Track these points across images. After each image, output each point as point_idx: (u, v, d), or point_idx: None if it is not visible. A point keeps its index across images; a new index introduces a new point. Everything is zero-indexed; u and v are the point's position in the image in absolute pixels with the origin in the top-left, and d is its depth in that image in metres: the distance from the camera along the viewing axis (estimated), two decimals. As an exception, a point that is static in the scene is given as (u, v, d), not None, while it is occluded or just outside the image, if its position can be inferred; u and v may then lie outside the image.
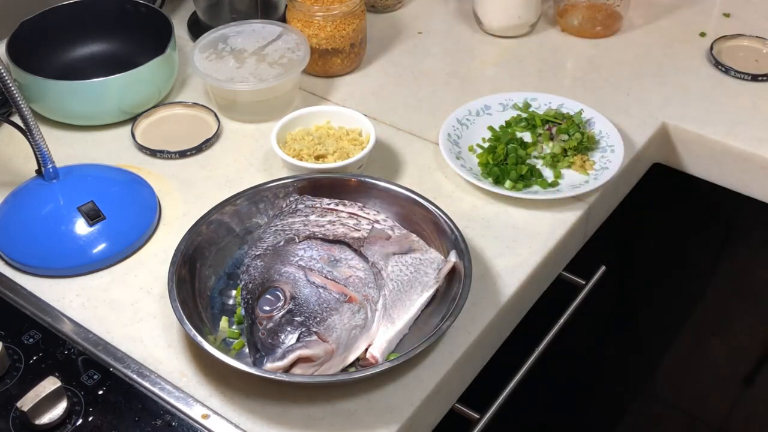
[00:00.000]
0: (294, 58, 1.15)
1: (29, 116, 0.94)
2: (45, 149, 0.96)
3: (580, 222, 1.02)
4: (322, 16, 1.19)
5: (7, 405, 0.80)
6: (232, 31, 1.20)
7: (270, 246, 0.89)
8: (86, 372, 0.83)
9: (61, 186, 0.98)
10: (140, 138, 1.12)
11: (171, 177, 1.07)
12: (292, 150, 1.04)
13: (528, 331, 1.00)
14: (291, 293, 0.83)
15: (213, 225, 0.93)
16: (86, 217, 0.96)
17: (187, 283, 0.87)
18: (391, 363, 0.80)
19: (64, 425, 0.79)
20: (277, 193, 0.97)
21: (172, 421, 0.80)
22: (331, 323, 0.81)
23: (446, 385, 0.85)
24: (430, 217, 0.93)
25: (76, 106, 1.12)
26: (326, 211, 0.94)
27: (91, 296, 0.92)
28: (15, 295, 0.92)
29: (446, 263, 0.89)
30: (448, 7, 1.40)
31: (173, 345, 0.87)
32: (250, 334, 0.82)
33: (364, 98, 1.20)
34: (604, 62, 1.27)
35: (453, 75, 1.25)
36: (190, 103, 1.18)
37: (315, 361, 0.79)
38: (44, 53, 1.20)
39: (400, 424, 0.80)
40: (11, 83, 0.92)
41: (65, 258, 0.94)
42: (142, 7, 1.22)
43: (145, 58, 1.12)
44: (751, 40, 1.28)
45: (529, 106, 1.15)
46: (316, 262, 0.87)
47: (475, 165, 1.07)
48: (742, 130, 1.13)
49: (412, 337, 0.86)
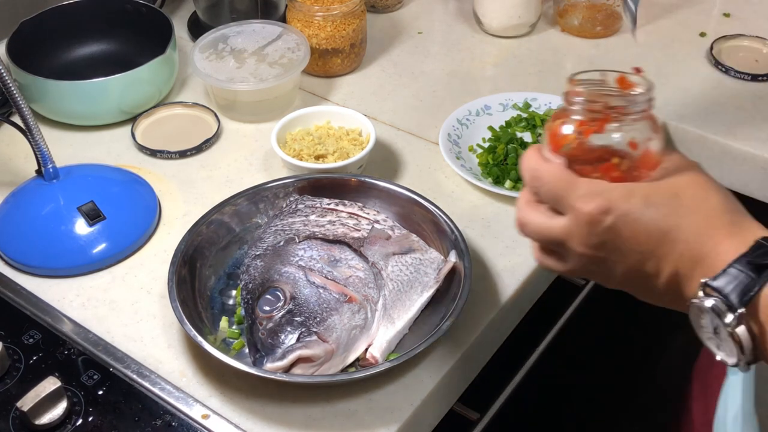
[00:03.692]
0: (294, 58, 1.15)
1: (29, 116, 0.94)
2: (45, 149, 0.96)
3: (580, 222, 1.02)
4: (322, 16, 1.19)
5: (7, 405, 0.80)
6: (232, 31, 1.20)
7: (270, 246, 0.89)
8: (86, 372, 0.83)
9: (61, 186, 0.98)
10: (140, 138, 1.12)
11: (171, 177, 1.07)
12: (292, 150, 1.04)
13: (528, 331, 1.00)
14: (291, 293, 0.83)
15: (213, 225, 0.93)
16: (86, 217, 0.96)
17: (187, 283, 0.88)
18: (391, 363, 0.80)
19: (64, 425, 0.79)
20: (277, 193, 0.97)
21: (172, 421, 0.80)
22: (331, 323, 0.81)
23: (446, 385, 0.85)
24: (430, 217, 0.93)
25: (76, 106, 1.12)
26: (326, 211, 0.94)
27: (91, 296, 0.92)
28: (15, 295, 0.92)
29: (446, 263, 0.89)
30: (448, 7, 1.40)
31: (173, 345, 0.87)
32: (250, 334, 0.82)
33: (364, 98, 1.20)
34: (604, 62, 1.27)
35: (453, 75, 1.25)
36: (190, 103, 1.18)
37: (315, 361, 0.79)
38: (44, 53, 1.20)
39: (400, 424, 0.80)
40: (11, 83, 0.92)
41: (65, 258, 0.94)
42: (142, 7, 1.22)
43: (145, 58, 1.12)
44: (751, 40, 1.28)
45: (529, 106, 1.15)
46: (316, 262, 0.87)
47: (475, 165, 1.07)
48: (742, 130, 1.13)
49: (412, 337, 0.86)
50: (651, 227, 0.57)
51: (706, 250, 0.56)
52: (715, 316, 0.55)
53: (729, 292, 0.54)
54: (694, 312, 0.57)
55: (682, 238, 0.57)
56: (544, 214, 0.62)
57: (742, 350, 0.54)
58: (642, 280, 0.59)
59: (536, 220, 0.62)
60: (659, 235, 0.57)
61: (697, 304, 0.56)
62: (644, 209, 0.57)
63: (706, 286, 0.55)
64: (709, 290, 0.55)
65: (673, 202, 0.57)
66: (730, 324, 0.54)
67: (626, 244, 0.58)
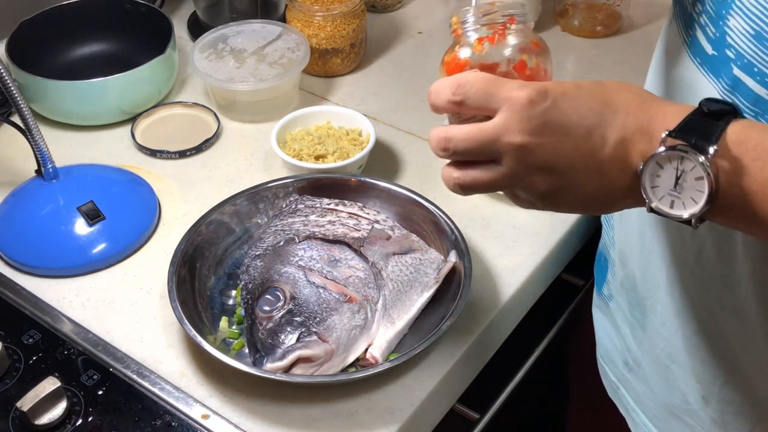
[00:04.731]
0: (294, 58, 1.15)
1: (29, 116, 0.94)
2: (45, 149, 0.96)
3: (581, 222, 1.02)
4: (322, 16, 1.19)
5: (7, 405, 0.80)
6: (232, 31, 1.20)
7: (270, 246, 0.89)
8: (86, 372, 0.83)
9: (61, 186, 0.98)
10: (140, 138, 1.12)
11: (171, 177, 1.07)
12: (292, 150, 1.04)
13: (528, 331, 1.00)
14: (291, 293, 0.83)
15: (213, 225, 0.93)
16: (86, 217, 0.96)
17: (187, 283, 0.87)
18: (391, 363, 0.80)
19: (64, 425, 0.79)
20: (277, 193, 0.97)
21: (172, 421, 0.79)
22: (331, 323, 0.81)
23: (446, 385, 0.85)
24: (430, 217, 0.93)
25: (76, 106, 1.12)
26: (326, 211, 0.94)
27: (91, 296, 0.92)
28: (15, 295, 0.92)
29: (446, 263, 0.89)
30: (448, 7, 1.40)
31: (173, 345, 0.87)
32: (250, 334, 0.82)
33: (364, 98, 1.20)
34: (604, 62, 1.27)
35: (453, 75, 1.25)
36: (190, 103, 1.18)
37: (315, 361, 0.79)
38: (44, 53, 1.19)
39: (400, 424, 0.79)
40: (11, 83, 0.92)
41: (65, 258, 0.94)
42: (142, 7, 1.22)
43: (145, 58, 1.12)
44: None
45: (529, 106, 1.15)
46: (316, 262, 0.87)
47: (475, 165, 1.07)
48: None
49: (412, 337, 0.86)
50: (590, 101, 0.58)
51: (650, 115, 0.58)
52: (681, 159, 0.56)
53: (694, 137, 0.55)
54: (651, 170, 0.57)
55: (621, 108, 0.58)
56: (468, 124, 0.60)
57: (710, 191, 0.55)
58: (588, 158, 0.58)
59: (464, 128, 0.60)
60: (599, 107, 0.58)
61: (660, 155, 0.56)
62: (578, 89, 0.58)
63: (668, 136, 0.56)
64: (671, 140, 0.56)
65: (600, 86, 0.59)
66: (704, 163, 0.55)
67: (569, 120, 0.58)
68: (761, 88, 0.60)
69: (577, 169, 0.59)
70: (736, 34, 0.62)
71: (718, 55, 0.64)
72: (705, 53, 0.65)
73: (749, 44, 0.60)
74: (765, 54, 0.60)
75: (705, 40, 0.65)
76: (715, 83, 0.64)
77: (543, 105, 0.57)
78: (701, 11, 0.66)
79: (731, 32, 0.62)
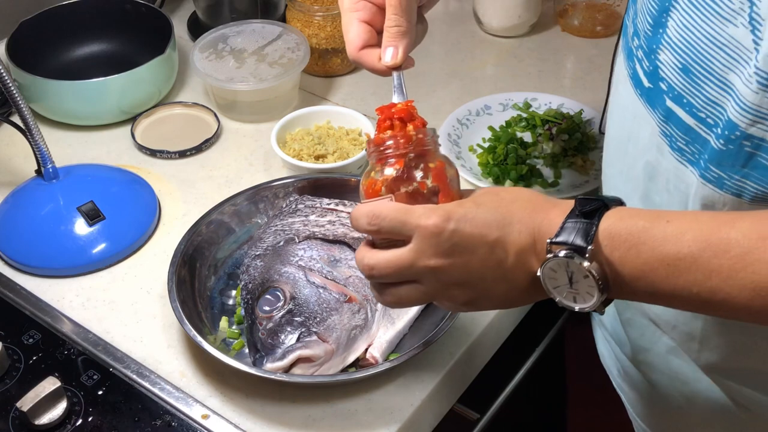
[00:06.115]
0: (294, 58, 1.15)
1: (29, 116, 0.94)
2: (45, 149, 0.96)
3: (580, 222, 1.02)
4: (322, 16, 1.19)
5: (7, 405, 0.80)
6: (232, 31, 1.20)
7: (270, 246, 0.89)
8: (86, 372, 0.83)
9: (61, 186, 0.98)
10: (140, 138, 1.12)
11: (171, 177, 1.07)
12: (292, 150, 1.04)
13: (528, 331, 1.00)
14: (291, 293, 0.83)
15: (213, 225, 0.93)
16: (86, 217, 0.96)
17: (187, 283, 0.87)
18: (391, 363, 0.80)
19: (64, 425, 0.79)
20: (277, 193, 0.97)
21: (172, 422, 0.79)
22: (331, 323, 0.81)
23: (446, 385, 0.85)
24: (430, 217, 0.92)
25: (76, 106, 1.12)
26: (326, 211, 0.94)
27: (91, 296, 0.92)
28: (15, 295, 0.92)
29: (446, 263, 0.88)
30: (448, 7, 1.40)
31: (173, 345, 0.87)
32: (250, 334, 0.82)
33: (364, 98, 1.20)
34: (604, 62, 1.27)
35: (453, 75, 1.25)
36: (190, 103, 1.18)
37: (315, 361, 0.79)
38: (44, 53, 1.19)
39: (400, 424, 0.79)
40: (11, 83, 0.92)
41: (65, 258, 0.94)
42: (142, 7, 1.22)
43: (145, 58, 1.12)
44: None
45: (529, 106, 1.15)
46: (316, 262, 0.87)
47: (475, 165, 1.07)
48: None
49: (412, 337, 0.86)
50: (488, 219, 0.63)
51: (537, 222, 0.63)
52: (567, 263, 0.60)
53: (573, 240, 0.60)
54: (547, 274, 0.62)
55: (516, 220, 0.63)
56: (387, 251, 0.66)
57: (599, 286, 0.60)
58: (496, 270, 0.64)
59: (384, 256, 0.66)
60: (496, 224, 0.63)
61: (550, 262, 0.61)
62: (476, 209, 0.64)
63: (551, 244, 0.61)
64: (555, 246, 0.61)
65: (495, 199, 0.65)
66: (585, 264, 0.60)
67: (472, 240, 0.63)
68: (690, 119, 0.64)
69: (487, 280, 0.64)
70: (667, 68, 0.65)
71: (653, 87, 0.68)
72: (643, 85, 0.69)
73: (679, 77, 0.64)
74: (692, 86, 0.63)
75: (642, 73, 0.69)
76: (653, 114, 0.68)
77: (448, 230, 0.63)
78: (638, 45, 0.70)
79: (663, 66, 0.66)
